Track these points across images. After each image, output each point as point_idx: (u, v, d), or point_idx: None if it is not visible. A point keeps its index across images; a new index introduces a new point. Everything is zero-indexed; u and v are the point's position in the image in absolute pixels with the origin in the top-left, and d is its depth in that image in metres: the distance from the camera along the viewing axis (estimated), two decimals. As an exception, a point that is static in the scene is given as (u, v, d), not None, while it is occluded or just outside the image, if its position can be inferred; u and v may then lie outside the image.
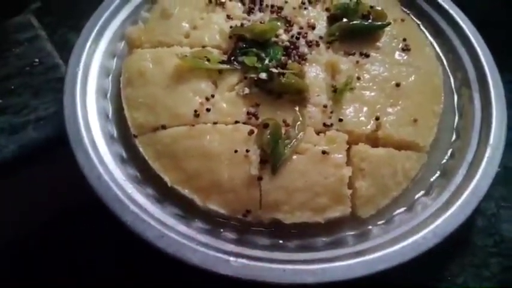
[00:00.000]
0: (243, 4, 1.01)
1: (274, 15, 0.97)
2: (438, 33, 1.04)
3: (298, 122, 0.82)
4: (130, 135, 0.86)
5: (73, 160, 0.81)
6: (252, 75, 0.85)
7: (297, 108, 0.84)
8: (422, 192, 0.85)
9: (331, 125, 0.83)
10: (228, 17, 0.97)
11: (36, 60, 1.04)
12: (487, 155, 0.84)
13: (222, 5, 0.99)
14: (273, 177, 0.78)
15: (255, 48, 0.89)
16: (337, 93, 0.86)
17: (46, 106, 0.97)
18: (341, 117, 0.84)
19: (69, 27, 1.12)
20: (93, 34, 0.97)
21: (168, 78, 0.87)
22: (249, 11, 0.99)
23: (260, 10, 0.99)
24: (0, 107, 0.97)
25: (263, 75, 0.84)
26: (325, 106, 0.85)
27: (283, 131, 0.81)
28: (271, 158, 0.78)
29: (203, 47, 0.92)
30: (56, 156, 0.91)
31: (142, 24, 0.98)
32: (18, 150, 0.92)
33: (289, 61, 0.88)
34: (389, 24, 0.94)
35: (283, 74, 0.83)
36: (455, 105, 0.96)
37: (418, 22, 1.06)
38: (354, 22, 0.93)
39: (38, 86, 1.00)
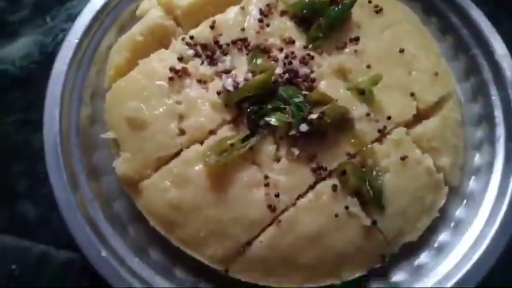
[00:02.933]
0: (199, 56, 0.84)
1: (244, 51, 0.83)
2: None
3: (364, 148, 0.77)
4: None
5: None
6: (293, 133, 0.75)
7: (350, 134, 0.78)
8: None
9: (385, 127, 0.79)
10: (200, 81, 0.81)
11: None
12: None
13: (185, 72, 0.81)
14: (383, 212, 0.74)
15: (268, 103, 0.77)
16: (366, 94, 0.80)
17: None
18: (388, 115, 0.79)
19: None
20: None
21: (211, 193, 0.73)
22: (212, 60, 0.84)
23: (223, 53, 0.84)
24: None
25: (305, 128, 0.74)
26: (368, 114, 0.79)
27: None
28: (373, 198, 0.73)
29: (210, 132, 0.77)
30: None
31: (126, 154, 0.77)
32: None
33: (303, 92, 0.79)
34: (358, -2, 0.86)
35: (323, 113, 0.74)
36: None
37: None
38: (331, 15, 0.84)
39: None
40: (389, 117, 0.80)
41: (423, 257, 0.79)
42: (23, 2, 1.00)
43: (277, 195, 0.73)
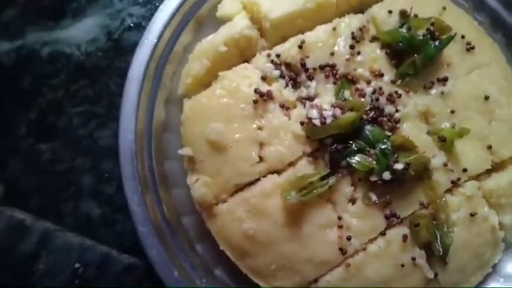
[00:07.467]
0: (283, 77, 0.80)
1: (331, 79, 0.80)
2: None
3: (437, 199, 0.77)
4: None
5: None
6: (375, 179, 0.74)
7: (426, 183, 0.78)
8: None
9: (459, 179, 0.79)
10: (283, 107, 0.78)
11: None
12: None
13: (270, 96, 0.78)
14: (446, 266, 0.77)
15: (352, 143, 0.76)
16: (447, 143, 0.79)
17: None
18: (464, 167, 0.79)
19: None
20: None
21: (286, 229, 0.74)
22: (295, 83, 0.81)
23: (308, 77, 0.80)
24: None
25: (388, 176, 0.74)
26: (445, 164, 0.79)
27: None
28: (442, 252, 0.75)
29: (289, 164, 0.76)
30: None
31: (206, 177, 0.76)
32: None
33: (387, 132, 0.77)
34: (455, 35, 0.82)
35: (408, 164, 0.74)
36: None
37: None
38: (429, 53, 0.80)
39: None
40: (465, 170, 0.80)
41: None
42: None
43: (349, 239, 0.74)
